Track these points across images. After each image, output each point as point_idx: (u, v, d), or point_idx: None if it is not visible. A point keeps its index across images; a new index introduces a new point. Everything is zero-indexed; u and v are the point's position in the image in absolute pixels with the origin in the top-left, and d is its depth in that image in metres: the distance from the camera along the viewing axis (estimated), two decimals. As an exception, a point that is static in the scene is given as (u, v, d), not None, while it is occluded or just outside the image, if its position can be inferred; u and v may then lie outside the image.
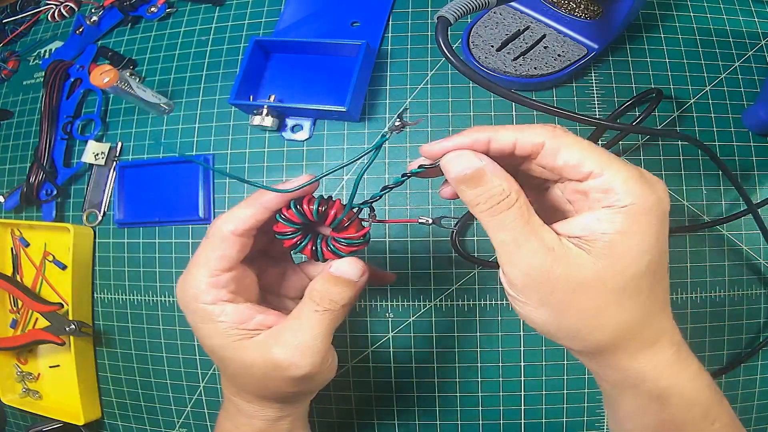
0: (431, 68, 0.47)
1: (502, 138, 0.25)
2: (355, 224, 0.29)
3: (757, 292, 0.43)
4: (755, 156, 0.44)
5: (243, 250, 0.29)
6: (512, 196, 0.24)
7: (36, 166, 0.50)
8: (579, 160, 0.24)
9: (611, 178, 0.24)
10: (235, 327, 0.28)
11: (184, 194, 0.48)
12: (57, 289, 0.50)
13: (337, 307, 0.28)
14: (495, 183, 0.24)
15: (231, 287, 0.28)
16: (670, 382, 0.25)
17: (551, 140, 0.25)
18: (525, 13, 0.46)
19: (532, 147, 0.25)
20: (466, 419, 0.44)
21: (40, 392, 0.50)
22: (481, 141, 0.26)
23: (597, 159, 0.24)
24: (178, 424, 0.47)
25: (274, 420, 0.31)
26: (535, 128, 0.25)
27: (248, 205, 0.28)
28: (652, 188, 0.24)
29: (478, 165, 0.25)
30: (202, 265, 0.28)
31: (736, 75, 0.46)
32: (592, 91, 0.46)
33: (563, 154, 0.25)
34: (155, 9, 0.53)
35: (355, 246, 0.29)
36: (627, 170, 0.24)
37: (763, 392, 0.43)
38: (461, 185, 0.25)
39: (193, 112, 0.50)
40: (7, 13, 0.59)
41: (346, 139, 0.47)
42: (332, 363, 0.30)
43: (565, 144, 0.25)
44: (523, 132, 0.25)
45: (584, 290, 0.24)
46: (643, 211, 0.23)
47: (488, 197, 0.24)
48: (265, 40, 0.48)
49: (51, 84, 0.51)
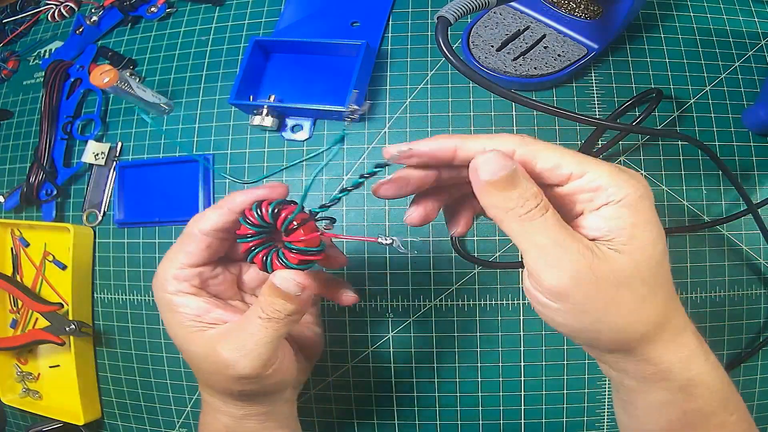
0: (431, 68, 0.47)
1: (470, 147, 0.25)
2: (306, 229, 0.28)
3: (757, 292, 0.43)
4: (755, 156, 0.44)
5: (211, 249, 0.30)
6: (545, 200, 0.24)
7: (36, 166, 0.50)
8: (556, 163, 0.24)
9: (596, 176, 0.24)
10: (192, 319, 0.29)
11: (184, 194, 0.48)
12: (57, 289, 0.50)
13: (281, 317, 0.28)
14: (528, 186, 0.24)
15: (195, 282, 0.30)
16: (696, 372, 0.25)
17: (522, 147, 0.25)
18: (525, 13, 0.46)
19: None
20: (466, 419, 0.44)
21: (40, 392, 0.50)
22: (447, 149, 0.25)
23: (575, 160, 0.24)
24: (178, 424, 0.47)
25: (240, 417, 0.31)
26: (504, 136, 0.25)
27: (217, 207, 0.29)
28: (635, 178, 0.24)
29: (512, 167, 0.24)
30: (171, 259, 0.30)
31: (736, 75, 0.46)
32: (592, 91, 0.46)
33: (538, 160, 0.24)
34: (155, 9, 0.53)
35: (307, 256, 0.28)
36: (608, 166, 0.24)
37: (763, 392, 0.43)
38: (492, 188, 0.24)
39: (193, 112, 0.50)
40: (7, 13, 0.60)
41: (346, 139, 0.47)
42: (282, 368, 0.30)
43: (537, 150, 0.25)
44: (492, 141, 0.25)
45: (626, 285, 0.23)
46: (639, 199, 0.24)
47: (524, 201, 0.24)
48: (265, 40, 0.48)
49: (51, 84, 0.51)
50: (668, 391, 0.26)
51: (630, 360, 0.26)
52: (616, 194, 0.23)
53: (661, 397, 0.26)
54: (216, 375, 0.29)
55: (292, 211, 0.27)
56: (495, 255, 0.44)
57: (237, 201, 0.29)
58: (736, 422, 0.26)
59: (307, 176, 0.47)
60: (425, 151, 0.26)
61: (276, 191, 0.29)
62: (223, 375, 0.28)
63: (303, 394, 0.45)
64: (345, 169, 0.46)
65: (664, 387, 0.26)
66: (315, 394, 0.45)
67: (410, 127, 0.46)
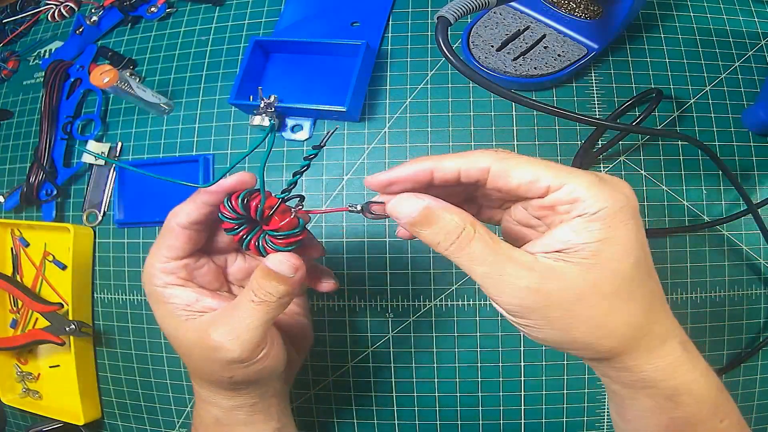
0: (431, 68, 0.47)
1: (446, 167, 0.25)
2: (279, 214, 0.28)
3: (757, 292, 0.43)
4: (755, 156, 0.44)
5: (191, 241, 0.31)
6: (469, 228, 0.24)
7: (36, 166, 0.50)
8: (533, 176, 0.24)
9: (574, 188, 0.23)
10: (182, 308, 0.30)
11: (184, 194, 0.48)
12: (57, 289, 0.50)
13: (272, 300, 0.28)
14: (447, 218, 0.24)
15: (181, 273, 0.31)
16: (682, 380, 0.25)
17: (497, 163, 0.25)
18: (525, 13, 0.46)
19: (478, 173, 0.25)
20: (466, 419, 0.44)
21: (40, 392, 0.50)
22: (423, 171, 0.26)
23: (552, 172, 0.24)
24: (178, 424, 0.47)
25: (229, 408, 0.32)
26: (479, 153, 0.25)
27: (191, 201, 0.30)
28: (616, 189, 0.24)
29: (423, 204, 0.24)
30: (155, 254, 0.31)
31: (736, 75, 0.46)
32: (592, 91, 0.46)
33: (514, 174, 0.24)
34: (155, 9, 0.53)
35: (290, 237, 0.28)
36: (587, 177, 0.24)
37: (763, 392, 0.43)
38: (415, 228, 0.25)
39: (193, 112, 0.50)
40: (7, 13, 0.59)
41: (346, 139, 0.47)
42: (271, 354, 0.30)
43: (513, 165, 0.25)
44: (467, 159, 0.25)
45: (583, 301, 0.23)
46: (615, 213, 0.23)
47: (445, 234, 0.24)
48: (265, 40, 0.48)
49: (51, 84, 0.51)
50: (653, 398, 0.26)
51: (611, 368, 0.26)
52: (592, 207, 0.23)
53: (647, 403, 0.26)
54: (206, 362, 0.29)
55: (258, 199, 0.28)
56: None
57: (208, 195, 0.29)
58: (726, 429, 0.26)
59: (308, 176, 0.47)
60: (405, 177, 0.26)
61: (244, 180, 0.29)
62: (213, 361, 0.29)
63: (303, 394, 0.45)
64: (345, 169, 0.46)
65: (649, 394, 0.26)
66: (315, 394, 0.45)
67: (410, 127, 0.46)
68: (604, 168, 0.44)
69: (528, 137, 0.45)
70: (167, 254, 0.30)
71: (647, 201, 0.44)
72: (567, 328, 0.24)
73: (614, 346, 0.25)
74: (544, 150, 0.45)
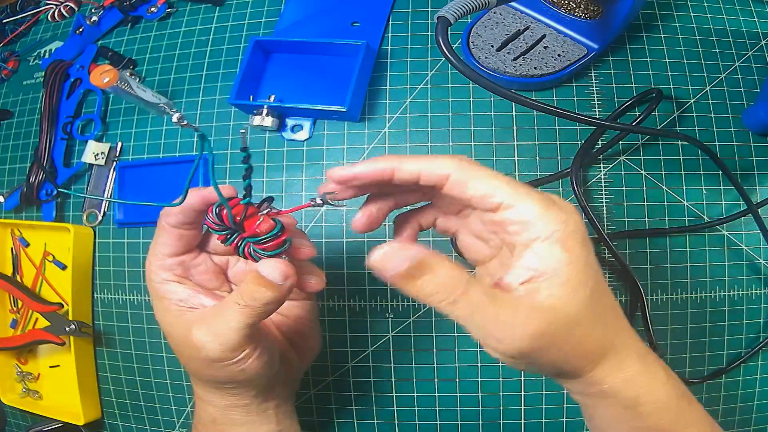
0: (431, 68, 0.47)
1: (407, 169, 0.25)
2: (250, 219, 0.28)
3: (757, 292, 0.43)
4: (755, 156, 0.44)
5: (183, 239, 0.31)
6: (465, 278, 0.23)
7: (36, 166, 0.50)
8: (488, 191, 0.24)
9: (525, 210, 0.24)
10: (176, 303, 0.31)
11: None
12: (57, 289, 0.50)
13: (258, 305, 0.28)
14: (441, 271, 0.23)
15: (177, 271, 0.31)
16: (640, 391, 0.26)
17: (457, 172, 0.25)
18: (525, 13, 0.46)
19: (437, 178, 0.25)
20: (466, 419, 0.44)
21: (40, 392, 0.50)
22: (384, 170, 0.26)
23: (507, 190, 0.24)
24: (178, 424, 0.47)
25: (223, 407, 0.32)
26: (442, 159, 0.25)
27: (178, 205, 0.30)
28: (566, 212, 0.24)
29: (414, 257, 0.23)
30: (152, 251, 0.31)
31: (736, 75, 0.46)
32: (592, 91, 0.46)
33: (471, 185, 0.25)
34: (155, 9, 0.53)
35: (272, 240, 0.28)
36: (539, 200, 0.24)
37: (763, 392, 0.43)
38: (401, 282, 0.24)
39: (193, 112, 0.50)
40: (7, 13, 0.59)
41: (346, 139, 0.47)
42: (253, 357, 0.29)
43: (472, 176, 0.25)
44: (429, 163, 0.25)
45: (563, 330, 0.24)
46: (568, 235, 0.24)
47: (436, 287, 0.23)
48: (265, 40, 0.48)
49: (51, 84, 0.51)
50: (614, 408, 0.27)
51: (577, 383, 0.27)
52: (545, 230, 0.24)
53: (609, 412, 0.27)
54: (192, 359, 0.30)
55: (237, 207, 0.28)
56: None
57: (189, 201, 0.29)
58: None
59: (308, 176, 0.47)
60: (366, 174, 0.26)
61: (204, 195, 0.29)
62: (196, 358, 0.29)
63: (303, 394, 0.45)
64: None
65: (610, 404, 0.27)
66: (315, 394, 0.45)
67: (410, 127, 0.46)
68: (604, 168, 0.44)
69: (528, 137, 0.45)
70: (163, 251, 0.31)
71: (647, 201, 0.44)
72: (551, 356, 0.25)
73: (587, 365, 0.26)
74: (544, 150, 0.45)
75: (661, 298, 0.43)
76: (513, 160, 0.45)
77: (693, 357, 0.43)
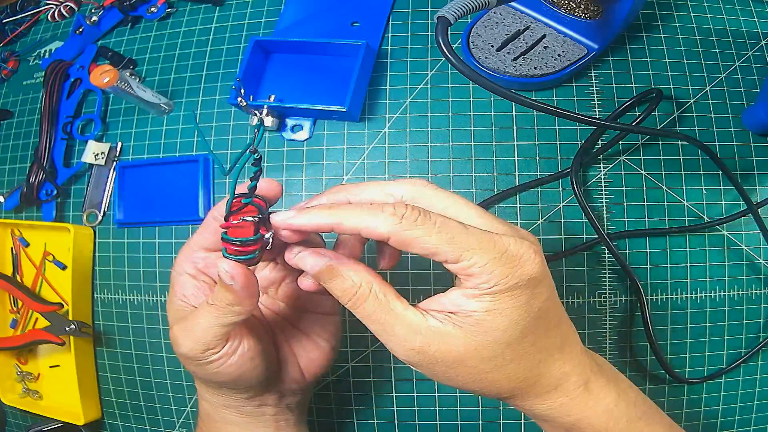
0: (431, 68, 0.47)
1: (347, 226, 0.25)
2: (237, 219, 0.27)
3: (757, 292, 0.43)
4: (755, 156, 0.44)
5: None
6: (364, 287, 0.26)
7: (36, 166, 0.50)
8: (431, 252, 0.24)
9: (471, 263, 0.24)
10: (180, 298, 0.31)
11: (184, 194, 0.48)
12: (57, 289, 0.50)
13: (221, 305, 0.27)
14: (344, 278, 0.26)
15: (200, 264, 0.31)
16: (579, 416, 0.27)
17: (396, 236, 0.24)
18: (525, 13, 0.46)
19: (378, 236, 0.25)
20: (466, 419, 0.44)
21: (40, 392, 0.50)
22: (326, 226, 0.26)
23: (452, 246, 0.24)
24: (178, 424, 0.47)
25: (214, 404, 0.33)
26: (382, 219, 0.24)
27: None
28: (515, 266, 0.24)
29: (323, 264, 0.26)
30: (188, 242, 0.32)
31: (736, 75, 0.46)
32: (592, 91, 0.46)
33: (413, 247, 0.24)
34: (155, 9, 0.53)
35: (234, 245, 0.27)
36: (487, 253, 0.24)
37: (763, 392, 0.43)
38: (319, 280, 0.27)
39: (193, 112, 0.50)
40: (7, 13, 0.59)
41: (346, 139, 0.47)
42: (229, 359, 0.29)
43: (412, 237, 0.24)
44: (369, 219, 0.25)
45: (462, 363, 0.26)
46: (506, 290, 0.24)
47: (342, 291, 0.26)
48: (265, 40, 0.48)
49: (51, 84, 0.51)
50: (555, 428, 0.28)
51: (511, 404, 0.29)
52: (485, 284, 0.24)
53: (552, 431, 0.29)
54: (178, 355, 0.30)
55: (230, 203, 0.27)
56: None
57: None
58: None
59: (308, 176, 0.47)
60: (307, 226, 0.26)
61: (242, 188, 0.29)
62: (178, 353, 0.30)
63: (303, 394, 0.45)
64: (345, 169, 0.46)
65: (550, 426, 0.29)
66: (315, 394, 0.45)
67: (410, 127, 0.46)
68: (604, 168, 0.44)
69: (528, 137, 0.45)
70: (198, 243, 0.31)
71: (647, 201, 0.44)
72: (451, 380, 0.27)
73: (501, 393, 0.27)
74: (544, 150, 0.45)
75: (661, 298, 0.43)
76: (513, 160, 0.45)
77: (693, 357, 0.43)
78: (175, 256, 0.32)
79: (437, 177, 0.45)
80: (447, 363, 0.26)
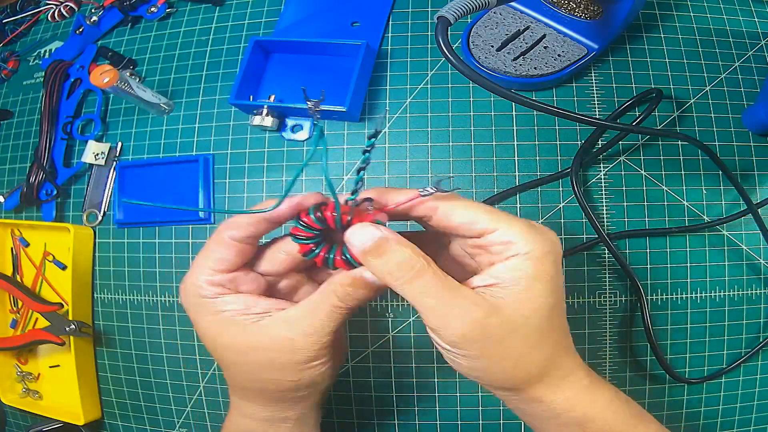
0: (431, 68, 0.47)
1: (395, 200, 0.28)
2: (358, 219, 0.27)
3: (757, 292, 0.43)
4: (755, 156, 0.44)
5: (242, 255, 0.29)
6: (423, 261, 0.26)
7: (36, 166, 0.50)
8: (471, 219, 0.27)
9: (507, 232, 0.26)
10: (242, 313, 0.28)
11: (184, 194, 0.48)
12: (57, 289, 0.50)
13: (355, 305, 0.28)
14: (400, 251, 0.26)
15: (230, 286, 0.29)
16: (585, 409, 0.28)
17: (444, 204, 0.27)
18: (525, 13, 0.46)
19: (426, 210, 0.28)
20: (466, 419, 0.44)
21: (40, 392, 0.50)
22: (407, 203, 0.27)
23: (488, 217, 0.27)
24: (178, 424, 0.47)
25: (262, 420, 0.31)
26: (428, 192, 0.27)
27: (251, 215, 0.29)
28: (544, 236, 0.27)
29: (378, 235, 0.26)
30: (201, 266, 0.29)
31: (736, 75, 0.46)
32: (592, 91, 0.46)
33: (456, 215, 0.27)
34: (155, 9, 0.53)
35: None
36: (519, 223, 0.27)
37: (763, 392, 0.43)
38: (367, 256, 0.26)
39: (193, 112, 0.50)
40: (7, 13, 0.59)
41: (346, 139, 0.47)
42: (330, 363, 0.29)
43: (456, 206, 0.27)
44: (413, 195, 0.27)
45: (516, 334, 0.26)
46: (542, 254, 0.26)
47: (396, 265, 0.26)
48: (265, 40, 0.48)
49: (51, 84, 0.51)
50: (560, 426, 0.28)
51: (521, 399, 0.28)
52: (522, 248, 0.26)
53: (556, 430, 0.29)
54: (269, 365, 0.28)
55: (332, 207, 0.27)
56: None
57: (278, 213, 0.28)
58: None
59: (308, 176, 0.47)
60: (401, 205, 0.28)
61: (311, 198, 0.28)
62: (279, 362, 0.28)
63: (303, 394, 0.45)
64: (345, 169, 0.46)
65: (556, 423, 0.28)
66: (315, 394, 0.45)
67: (410, 127, 0.46)
68: (604, 168, 0.44)
69: (528, 137, 0.45)
70: (216, 267, 0.29)
71: (647, 201, 0.44)
72: (497, 358, 0.26)
73: (532, 376, 0.27)
74: (544, 150, 0.45)
75: (661, 298, 0.43)
76: (513, 160, 0.45)
77: (693, 357, 0.43)
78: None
79: (437, 177, 0.45)
80: (502, 336, 0.26)
